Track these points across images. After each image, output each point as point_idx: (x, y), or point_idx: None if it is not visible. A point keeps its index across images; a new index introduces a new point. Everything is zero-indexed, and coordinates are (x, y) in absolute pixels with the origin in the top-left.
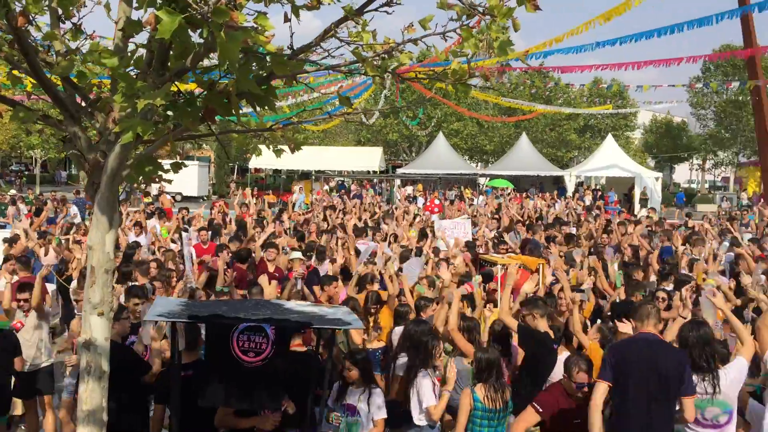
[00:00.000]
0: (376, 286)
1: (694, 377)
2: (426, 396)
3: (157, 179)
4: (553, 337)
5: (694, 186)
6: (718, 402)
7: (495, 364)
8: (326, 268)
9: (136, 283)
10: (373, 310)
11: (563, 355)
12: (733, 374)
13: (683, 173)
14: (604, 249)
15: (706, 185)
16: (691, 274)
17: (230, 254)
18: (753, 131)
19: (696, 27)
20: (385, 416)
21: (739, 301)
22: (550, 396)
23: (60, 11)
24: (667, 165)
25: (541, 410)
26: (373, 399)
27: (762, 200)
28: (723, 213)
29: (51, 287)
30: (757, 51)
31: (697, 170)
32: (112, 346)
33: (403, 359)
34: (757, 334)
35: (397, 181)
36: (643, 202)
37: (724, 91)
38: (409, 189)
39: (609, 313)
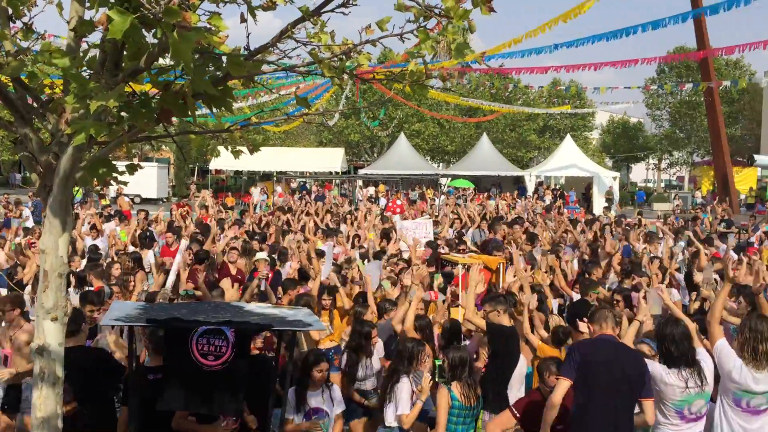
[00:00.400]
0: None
1: (684, 372)
2: (402, 402)
3: (111, 181)
4: None
5: (650, 185)
6: (705, 394)
7: (466, 361)
8: (288, 269)
9: (91, 289)
10: (325, 303)
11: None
12: (708, 362)
13: (640, 173)
14: (562, 248)
15: (662, 184)
16: (645, 271)
17: (192, 255)
18: (706, 131)
19: (651, 29)
20: (344, 408)
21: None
22: (528, 401)
23: (10, 10)
24: (624, 165)
25: (518, 415)
26: (335, 396)
27: (717, 198)
28: (679, 211)
29: (2, 291)
30: (709, 53)
31: (653, 170)
32: (86, 350)
33: (344, 356)
34: (707, 329)
35: (359, 182)
36: (609, 201)
37: (678, 93)
38: (371, 190)
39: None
